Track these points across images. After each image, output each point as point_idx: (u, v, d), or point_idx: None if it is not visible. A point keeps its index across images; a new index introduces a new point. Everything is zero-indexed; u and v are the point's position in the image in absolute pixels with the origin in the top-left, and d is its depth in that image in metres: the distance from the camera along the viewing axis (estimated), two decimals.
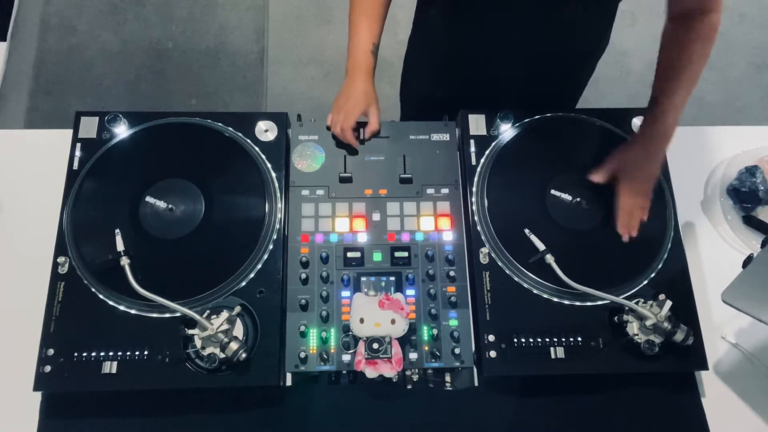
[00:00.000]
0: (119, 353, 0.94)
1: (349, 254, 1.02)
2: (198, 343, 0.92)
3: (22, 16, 2.45)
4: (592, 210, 1.08)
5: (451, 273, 1.02)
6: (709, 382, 1.04)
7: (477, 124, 1.14)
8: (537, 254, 1.00)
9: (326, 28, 2.51)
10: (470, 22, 1.13)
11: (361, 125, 1.10)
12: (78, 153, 1.08)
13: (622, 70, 2.32)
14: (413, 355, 0.96)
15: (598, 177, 1.06)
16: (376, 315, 0.91)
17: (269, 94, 2.40)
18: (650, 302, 0.98)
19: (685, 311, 1.01)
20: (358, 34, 1.08)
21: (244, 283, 0.99)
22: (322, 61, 2.45)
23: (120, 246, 0.96)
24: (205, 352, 0.92)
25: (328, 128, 1.11)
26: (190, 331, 0.92)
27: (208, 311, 0.95)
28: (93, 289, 0.98)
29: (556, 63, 1.18)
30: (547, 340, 0.98)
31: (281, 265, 1.01)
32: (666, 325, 0.95)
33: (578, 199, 1.08)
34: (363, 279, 1.01)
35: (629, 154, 1.05)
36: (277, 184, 1.07)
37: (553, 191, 1.07)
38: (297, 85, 2.42)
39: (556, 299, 1.01)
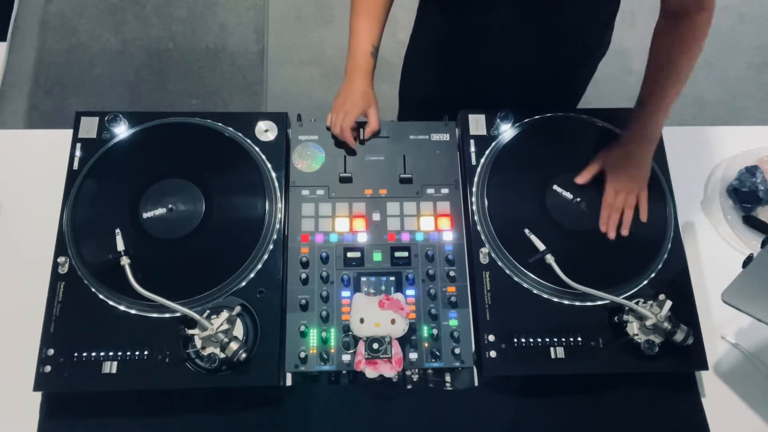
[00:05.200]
0: (119, 353, 0.94)
1: (349, 254, 1.02)
2: (198, 343, 0.92)
3: (22, 16, 2.45)
4: (592, 210, 1.08)
5: (451, 273, 1.02)
6: (709, 382, 1.04)
7: (477, 124, 1.14)
8: (537, 254, 1.00)
9: (326, 28, 2.51)
10: (471, 22, 1.13)
11: (360, 125, 1.10)
12: (78, 153, 1.08)
13: (622, 70, 2.32)
14: (413, 355, 0.96)
15: (582, 179, 1.08)
16: (376, 315, 0.91)
17: (269, 94, 2.40)
18: (650, 302, 0.98)
19: (685, 311, 1.01)
20: (358, 36, 1.08)
21: (244, 283, 0.99)
22: (322, 61, 2.45)
23: (120, 246, 0.96)
24: (205, 352, 0.92)
25: (328, 128, 1.11)
26: (190, 331, 0.92)
27: (208, 311, 0.95)
28: (93, 289, 0.98)
29: (556, 63, 1.18)
30: (547, 340, 0.98)
31: (281, 265, 1.01)
32: (666, 325, 0.95)
33: (578, 199, 1.08)
34: (363, 279, 1.01)
35: (615, 154, 1.07)
36: (277, 184, 1.07)
37: (555, 187, 1.07)
38: (297, 85, 2.42)
39: (556, 299, 1.01)
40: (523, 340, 0.98)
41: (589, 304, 1.01)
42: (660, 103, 1.02)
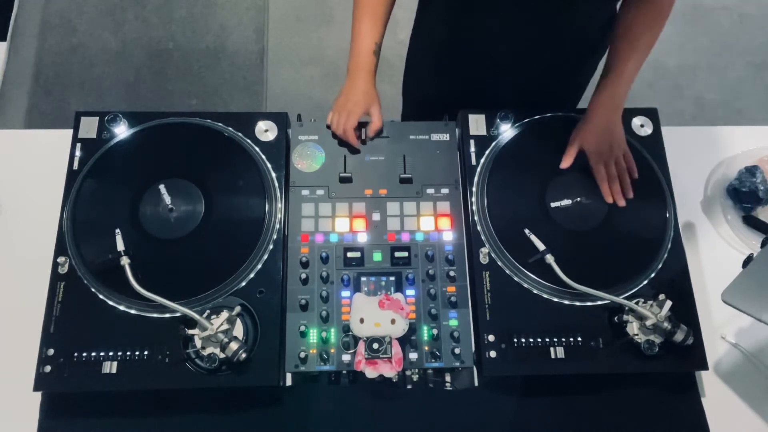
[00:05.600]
0: (119, 353, 0.94)
1: (349, 254, 1.02)
2: (198, 343, 0.92)
3: (22, 16, 2.45)
4: (592, 210, 1.08)
5: (451, 273, 1.02)
6: (709, 382, 1.04)
7: (477, 124, 1.14)
8: (537, 254, 1.00)
9: (326, 28, 2.51)
10: (471, 21, 1.12)
11: (362, 125, 1.10)
12: (78, 153, 1.08)
13: None
14: (413, 355, 0.96)
15: (565, 162, 1.09)
16: (376, 315, 0.91)
17: (269, 94, 2.40)
18: (650, 302, 0.98)
19: (685, 311, 1.01)
20: (361, 34, 1.08)
21: (244, 283, 0.99)
22: (322, 61, 2.45)
23: (120, 246, 0.96)
24: (205, 352, 0.92)
25: (328, 127, 1.11)
26: (190, 331, 0.92)
27: (208, 311, 0.95)
28: (93, 289, 0.98)
29: (556, 63, 1.18)
30: (547, 340, 0.98)
31: (281, 265, 1.01)
32: (666, 325, 0.95)
33: (578, 199, 1.08)
34: (363, 279, 1.01)
35: (587, 128, 1.09)
36: (277, 184, 1.07)
37: (552, 204, 1.08)
38: (297, 85, 2.42)
39: (556, 299, 1.01)
40: (523, 340, 0.98)
41: (589, 304, 1.01)
42: (623, 72, 1.06)
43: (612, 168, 1.08)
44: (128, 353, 0.94)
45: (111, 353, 0.94)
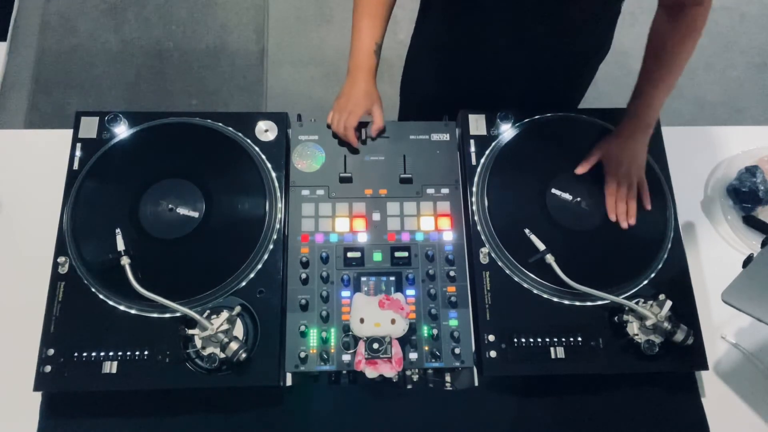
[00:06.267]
0: (119, 353, 0.94)
1: (349, 254, 1.02)
2: (198, 343, 0.92)
3: (22, 16, 2.45)
4: (592, 210, 1.08)
5: (451, 273, 1.02)
6: (709, 382, 1.04)
7: (477, 124, 1.14)
8: (537, 254, 1.00)
9: (326, 28, 2.51)
10: (472, 22, 1.12)
11: (362, 125, 1.10)
12: (78, 153, 1.08)
13: (622, 70, 2.31)
14: (413, 355, 0.96)
15: (581, 169, 1.09)
16: (376, 315, 0.91)
17: (269, 94, 2.40)
18: (650, 302, 0.98)
19: (685, 311, 1.01)
20: (361, 33, 1.08)
21: (244, 283, 0.99)
22: (322, 61, 2.45)
23: (120, 246, 0.96)
24: (205, 352, 0.92)
25: (329, 126, 1.11)
26: (190, 331, 0.92)
27: (208, 311, 0.95)
28: (93, 289, 0.98)
29: (557, 64, 1.18)
30: (547, 340, 0.98)
31: (281, 265, 1.01)
32: (666, 325, 0.95)
33: (578, 199, 1.08)
34: (363, 279, 1.01)
35: (611, 145, 1.09)
36: (277, 184, 1.07)
37: (553, 190, 1.08)
38: (297, 85, 2.42)
39: (556, 299, 1.01)
40: (523, 340, 0.98)
41: (589, 304, 1.01)
42: (656, 94, 1.04)
43: (623, 189, 1.07)
44: (128, 353, 0.94)
45: (111, 353, 0.94)
